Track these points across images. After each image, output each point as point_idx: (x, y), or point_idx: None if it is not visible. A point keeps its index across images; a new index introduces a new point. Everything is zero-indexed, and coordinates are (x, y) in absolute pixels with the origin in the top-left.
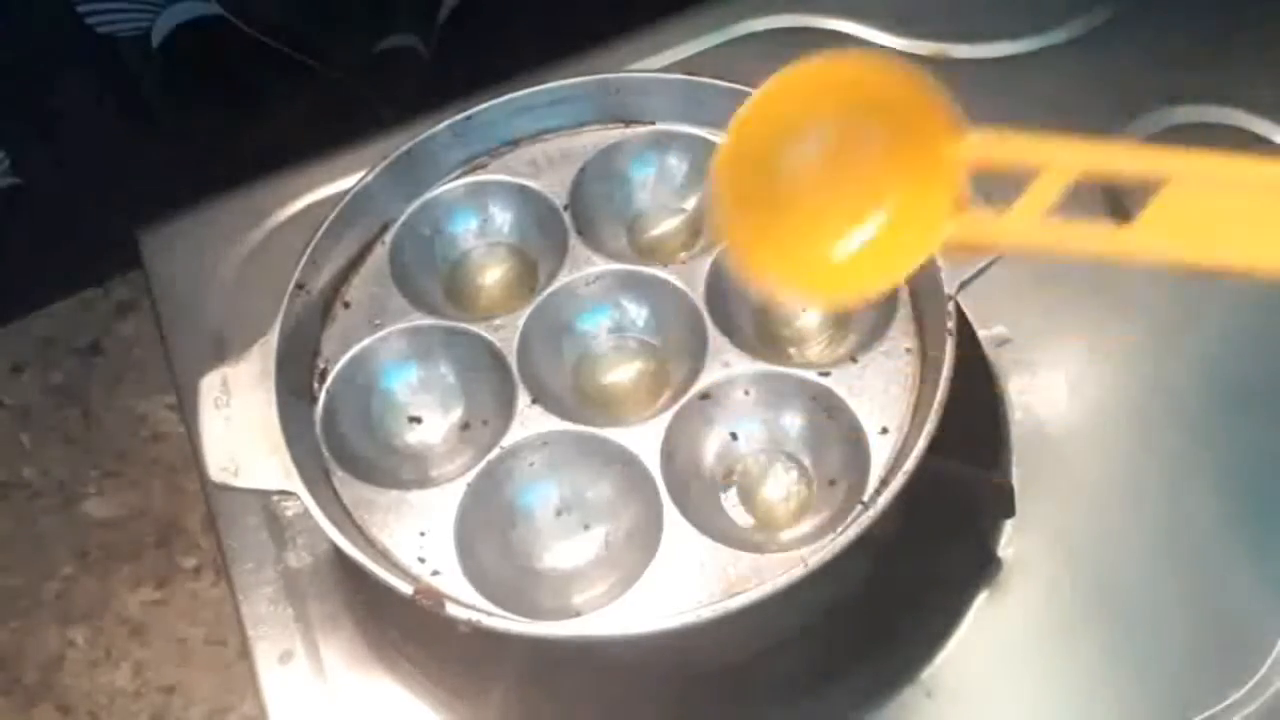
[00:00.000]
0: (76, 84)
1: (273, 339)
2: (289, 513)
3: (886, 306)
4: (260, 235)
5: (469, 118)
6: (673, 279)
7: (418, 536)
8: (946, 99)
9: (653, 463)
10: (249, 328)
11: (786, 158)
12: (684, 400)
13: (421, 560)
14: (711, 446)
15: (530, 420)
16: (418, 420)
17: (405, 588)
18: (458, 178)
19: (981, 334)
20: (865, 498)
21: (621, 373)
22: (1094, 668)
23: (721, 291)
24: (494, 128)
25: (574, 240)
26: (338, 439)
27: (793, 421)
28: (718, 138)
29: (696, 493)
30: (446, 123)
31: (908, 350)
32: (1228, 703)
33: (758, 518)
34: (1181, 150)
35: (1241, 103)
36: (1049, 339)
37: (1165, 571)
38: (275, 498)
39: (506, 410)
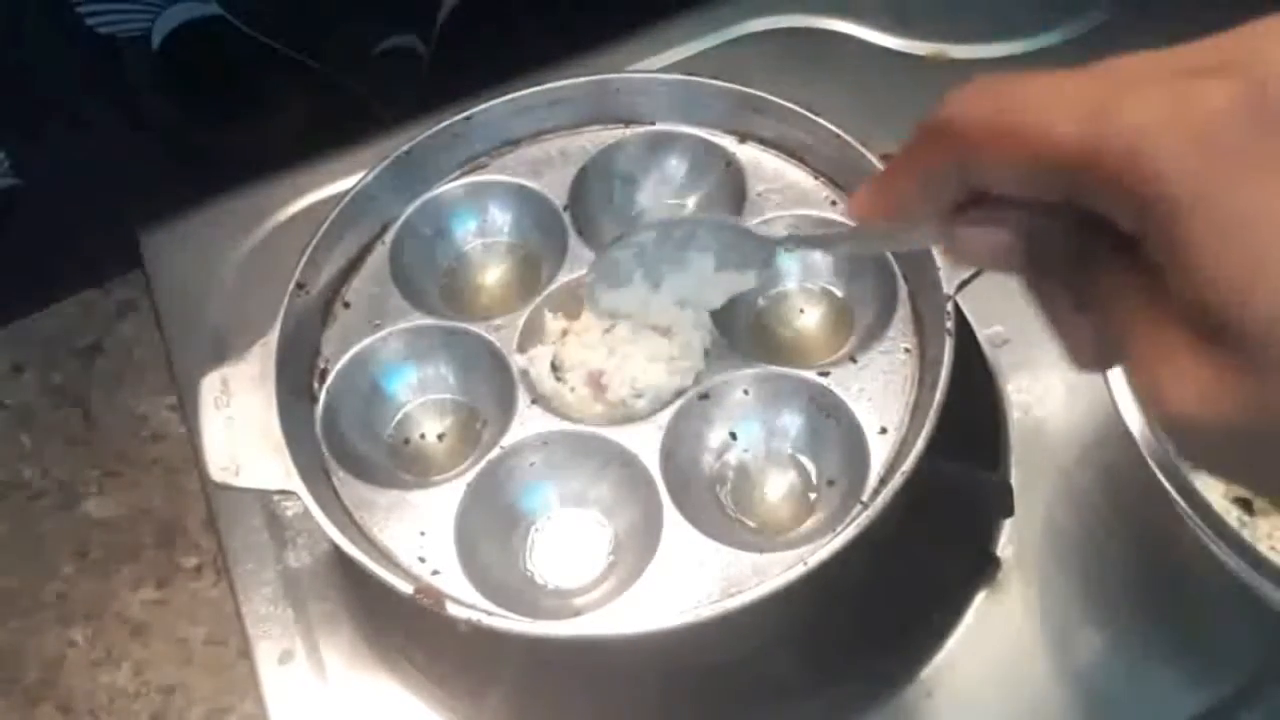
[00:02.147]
0: (76, 84)
1: (273, 339)
2: (289, 513)
3: (886, 306)
4: (260, 235)
5: (469, 118)
6: None
7: (418, 536)
8: None
9: (652, 463)
10: (249, 328)
11: None
12: (684, 400)
13: (422, 560)
14: (711, 446)
15: (530, 420)
16: (418, 420)
17: (405, 587)
18: (457, 178)
19: (980, 334)
20: (864, 497)
21: None
22: (1093, 667)
23: None
24: (494, 128)
25: (574, 240)
26: (338, 439)
27: (792, 421)
28: (717, 138)
29: (696, 493)
30: (446, 123)
31: (907, 350)
32: (1226, 702)
33: (757, 518)
34: None
35: None
36: (1047, 339)
37: (1163, 570)
38: (276, 498)
39: (506, 410)
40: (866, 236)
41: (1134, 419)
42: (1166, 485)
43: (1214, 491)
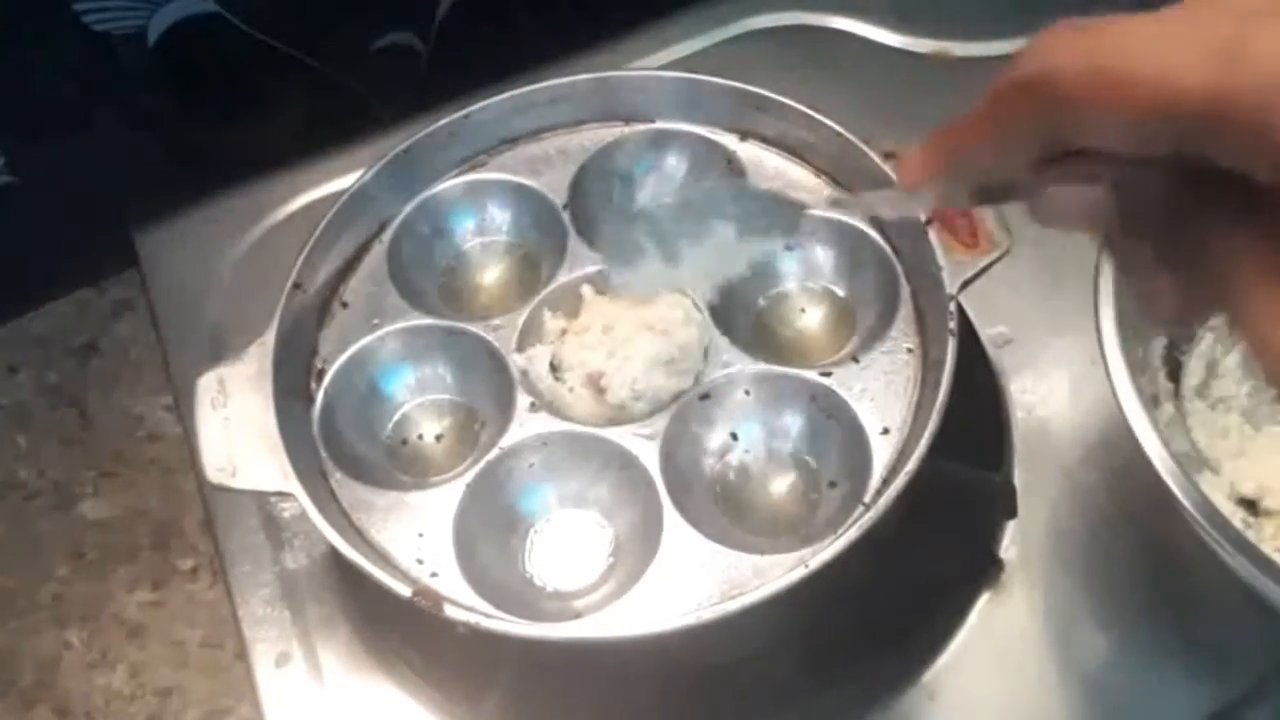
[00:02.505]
0: (72, 82)
1: (270, 339)
2: (286, 514)
3: (888, 306)
4: (257, 234)
5: (467, 116)
6: None
7: (416, 538)
8: None
9: (652, 464)
10: (246, 328)
11: None
12: (684, 401)
13: (420, 561)
14: (712, 447)
15: (529, 421)
16: (416, 421)
17: (403, 589)
18: (456, 176)
19: (983, 333)
20: (866, 499)
21: None
22: (1097, 669)
23: (721, 291)
24: (492, 126)
25: (573, 239)
26: (336, 439)
27: (793, 422)
28: (718, 136)
29: (696, 494)
30: (444, 121)
31: (909, 350)
32: (1231, 704)
33: (758, 519)
34: None
35: None
36: (1051, 338)
37: (1167, 572)
38: (273, 499)
39: (505, 411)
40: (911, 198)
41: (1139, 419)
42: (1171, 486)
43: (1219, 493)
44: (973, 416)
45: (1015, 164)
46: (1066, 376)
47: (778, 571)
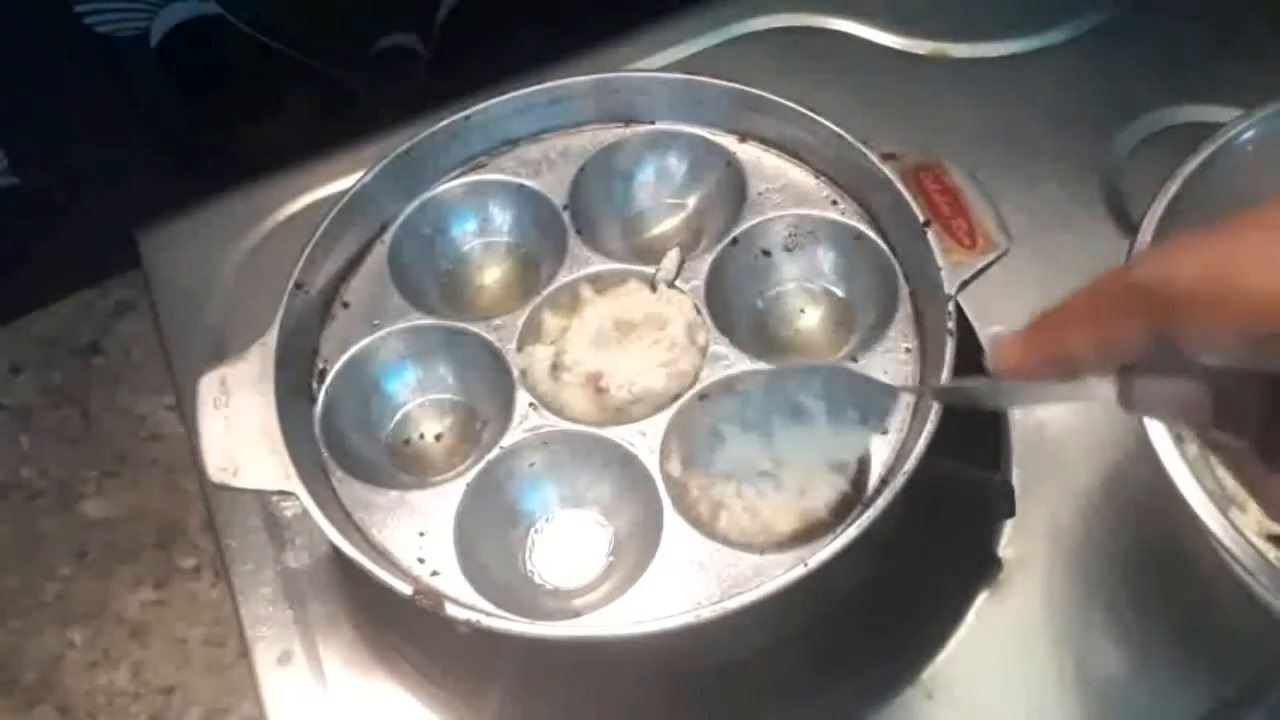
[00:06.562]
0: (75, 84)
1: (272, 339)
2: (288, 513)
3: (887, 306)
4: (259, 235)
5: (468, 117)
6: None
7: (417, 537)
8: None
9: (652, 463)
10: (248, 328)
11: None
12: (684, 400)
13: (421, 560)
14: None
15: (530, 420)
16: (417, 420)
17: (404, 588)
18: (457, 177)
19: (982, 334)
20: (865, 498)
21: None
22: (1095, 667)
23: (721, 291)
24: (493, 127)
25: (573, 240)
26: (337, 439)
27: None
28: (717, 137)
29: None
30: (446, 122)
31: (908, 350)
32: (1229, 702)
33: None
34: None
35: (1241, 103)
36: None
37: (1165, 569)
38: (274, 498)
39: (506, 410)
40: (1016, 389)
41: (1174, 462)
42: (1168, 483)
43: (1248, 530)
44: (971, 416)
45: (1112, 365)
46: None
47: (777, 570)
